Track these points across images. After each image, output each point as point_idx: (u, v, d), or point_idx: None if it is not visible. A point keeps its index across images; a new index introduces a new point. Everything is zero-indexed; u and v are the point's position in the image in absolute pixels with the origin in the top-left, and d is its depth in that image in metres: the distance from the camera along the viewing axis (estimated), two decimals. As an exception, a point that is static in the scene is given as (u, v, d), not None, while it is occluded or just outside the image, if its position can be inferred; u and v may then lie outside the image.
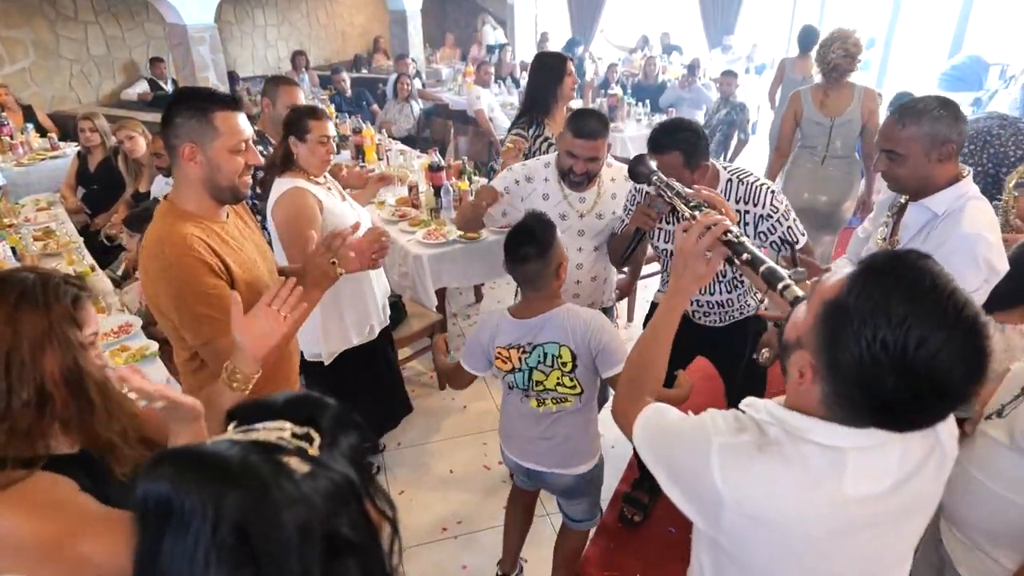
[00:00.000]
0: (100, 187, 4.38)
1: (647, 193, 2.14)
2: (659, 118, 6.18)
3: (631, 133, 5.97)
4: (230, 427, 0.67)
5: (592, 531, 2.38)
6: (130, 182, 4.22)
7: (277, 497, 0.57)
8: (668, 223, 2.18)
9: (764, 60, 9.14)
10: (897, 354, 0.80)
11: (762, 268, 1.14)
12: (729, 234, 1.18)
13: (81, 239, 3.64)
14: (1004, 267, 1.69)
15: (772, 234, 2.07)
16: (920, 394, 0.82)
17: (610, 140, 2.45)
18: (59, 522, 0.98)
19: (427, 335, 3.38)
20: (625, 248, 2.18)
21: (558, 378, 1.86)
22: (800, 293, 1.06)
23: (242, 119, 1.59)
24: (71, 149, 5.18)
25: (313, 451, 0.63)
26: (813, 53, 4.38)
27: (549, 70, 3.00)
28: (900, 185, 1.81)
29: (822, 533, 0.94)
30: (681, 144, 1.93)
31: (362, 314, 2.57)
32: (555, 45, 9.22)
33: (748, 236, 2.07)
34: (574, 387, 1.88)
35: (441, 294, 3.48)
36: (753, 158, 6.81)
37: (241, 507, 0.56)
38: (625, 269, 3.17)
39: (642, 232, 2.09)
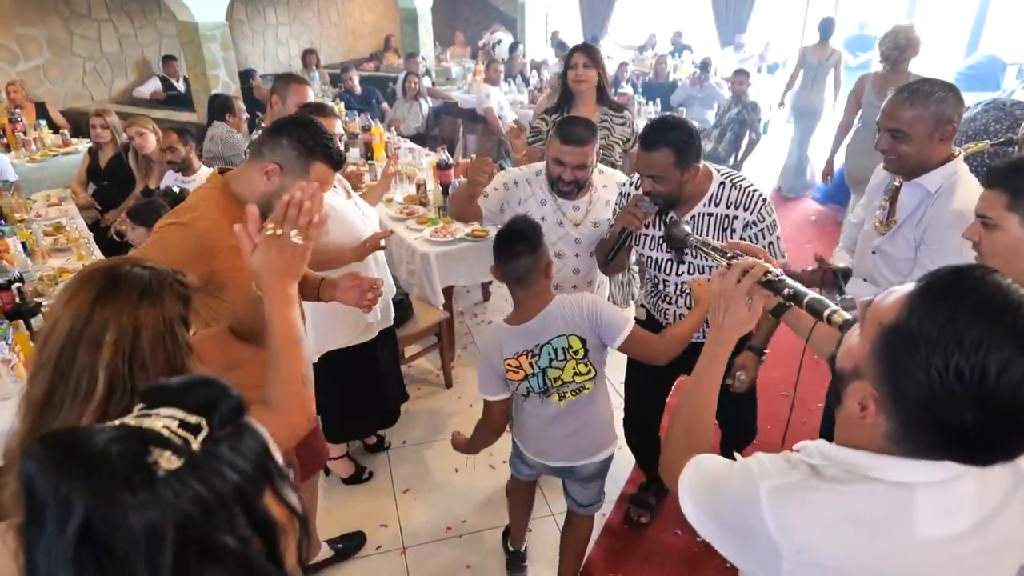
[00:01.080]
0: (111, 183, 4.41)
1: (633, 194, 2.11)
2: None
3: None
4: (135, 409, 0.62)
5: (598, 529, 2.38)
6: (140, 178, 4.25)
7: (125, 496, 0.52)
8: (655, 228, 2.14)
9: (777, 59, 9.07)
10: (975, 383, 0.71)
11: (806, 300, 1.10)
12: (768, 275, 1.14)
13: (91, 234, 3.66)
14: None
15: (754, 243, 2.00)
16: (1005, 425, 0.73)
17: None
18: None
19: (434, 333, 3.37)
20: (611, 248, 2.14)
21: (574, 367, 1.88)
22: (848, 317, 1.02)
23: (332, 178, 1.71)
24: (83, 146, 5.21)
25: (196, 444, 0.57)
26: (831, 41, 5.73)
27: (565, 61, 3.05)
28: (900, 163, 1.83)
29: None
30: (672, 142, 1.90)
31: (359, 313, 2.53)
32: (569, 44, 9.20)
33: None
34: (589, 372, 1.90)
35: (448, 292, 3.47)
36: (765, 158, 6.76)
37: (87, 502, 0.52)
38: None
39: (628, 233, 2.06)
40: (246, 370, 1.31)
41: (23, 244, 3.22)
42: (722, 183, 2.03)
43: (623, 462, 2.90)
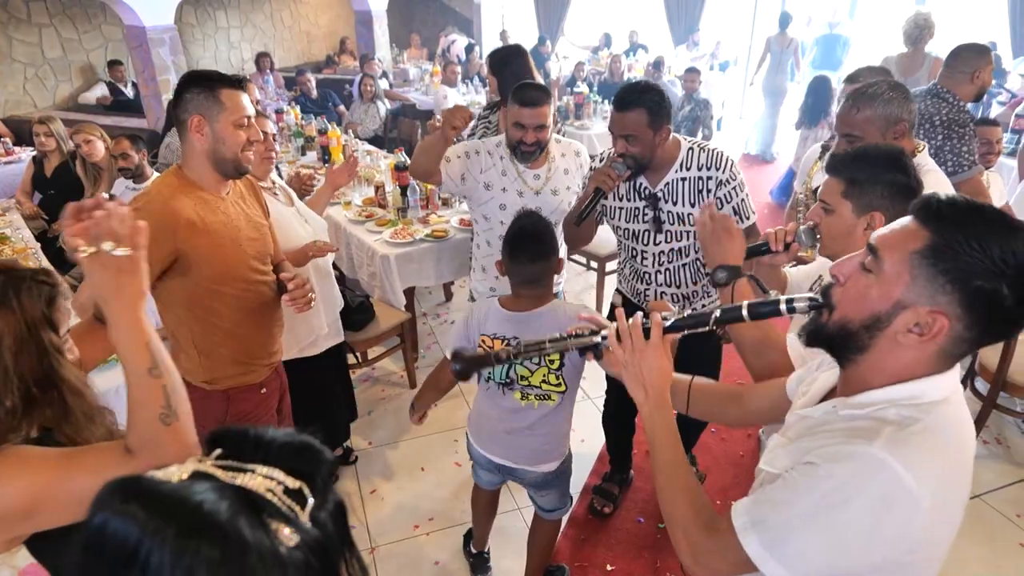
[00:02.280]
0: (57, 192, 4.29)
1: (608, 156, 2.16)
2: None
3: (598, 130, 6.02)
4: (212, 455, 0.59)
5: (564, 521, 2.41)
6: (89, 186, 4.14)
7: (255, 569, 0.51)
8: (630, 200, 2.19)
9: (728, 58, 9.29)
10: (1010, 259, 0.82)
11: (745, 310, 1.06)
12: (668, 320, 1.10)
13: (38, 245, 3.57)
14: None
15: (728, 202, 2.12)
16: None
17: (579, 137, 2.48)
18: (40, 472, 0.96)
19: (396, 334, 3.38)
20: (582, 208, 2.13)
21: (544, 375, 1.88)
22: (809, 295, 1.00)
23: (245, 98, 1.74)
24: (26, 154, 5.06)
25: (304, 516, 0.55)
26: (788, 31, 6.83)
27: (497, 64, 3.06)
28: None
29: (967, 491, 0.93)
30: (646, 103, 1.98)
31: (307, 326, 2.48)
32: (525, 43, 9.25)
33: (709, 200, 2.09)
34: (559, 385, 1.89)
35: (410, 294, 3.48)
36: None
37: (214, 572, 0.50)
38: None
39: (602, 193, 2.08)
40: None
41: (-34, 256, 3.13)
42: (690, 148, 2.12)
43: (588, 454, 2.97)
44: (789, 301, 1.01)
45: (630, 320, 1.12)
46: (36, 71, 7.66)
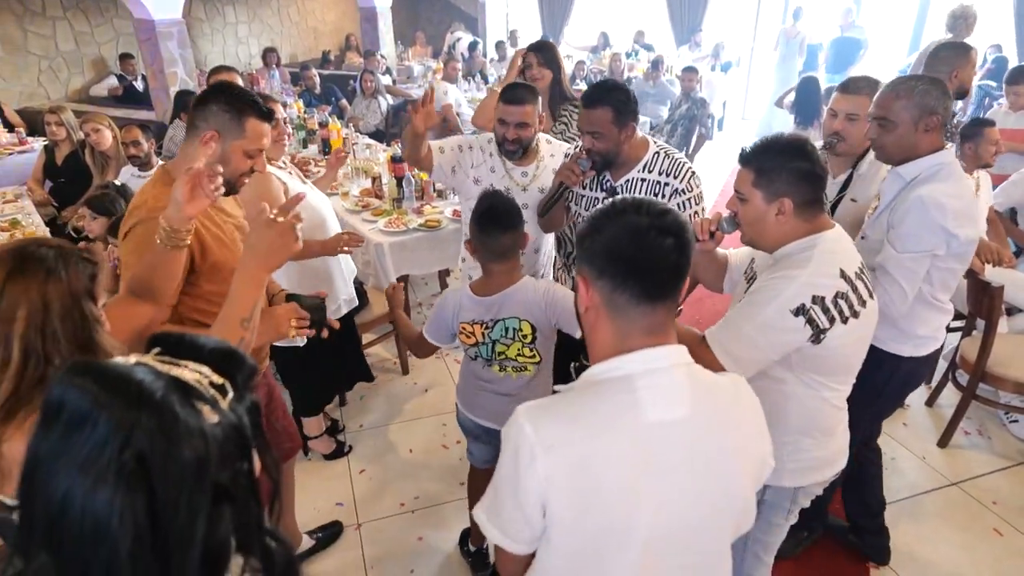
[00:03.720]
0: (67, 180, 4.41)
1: (576, 152, 2.23)
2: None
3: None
4: (152, 351, 0.70)
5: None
6: (97, 174, 4.26)
7: (183, 436, 0.61)
8: (592, 190, 2.27)
9: (730, 58, 9.34)
10: (610, 225, 1.06)
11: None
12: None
13: (48, 230, 3.69)
14: (967, 233, 1.81)
15: (681, 211, 2.18)
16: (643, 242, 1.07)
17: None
18: None
19: (389, 321, 3.47)
20: (547, 200, 2.25)
21: (519, 349, 1.97)
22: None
23: (267, 128, 1.74)
24: (39, 144, 5.19)
25: (224, 404, 0.66)
26: (798, 24, 7.63)
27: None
28: (885, 152, 1.93)
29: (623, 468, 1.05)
30: (612, 101, 2.06)
31: (334, 290, 2.70)
32: (526, 42, 9.34)
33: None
34: (533, 356, 1.99)
35: (404, 282, 3.58)
36: (717, 155, 6.99)
37: (150, 437, 0.59)
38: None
39: (565, 188, 2.17)
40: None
41: (-23, 239, 3.25)
42: (656, 152, 2.20)
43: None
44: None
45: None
46: (50, 63, 7.82)
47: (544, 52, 3.12)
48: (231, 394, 0.68)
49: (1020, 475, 2.87)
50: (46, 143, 4.56)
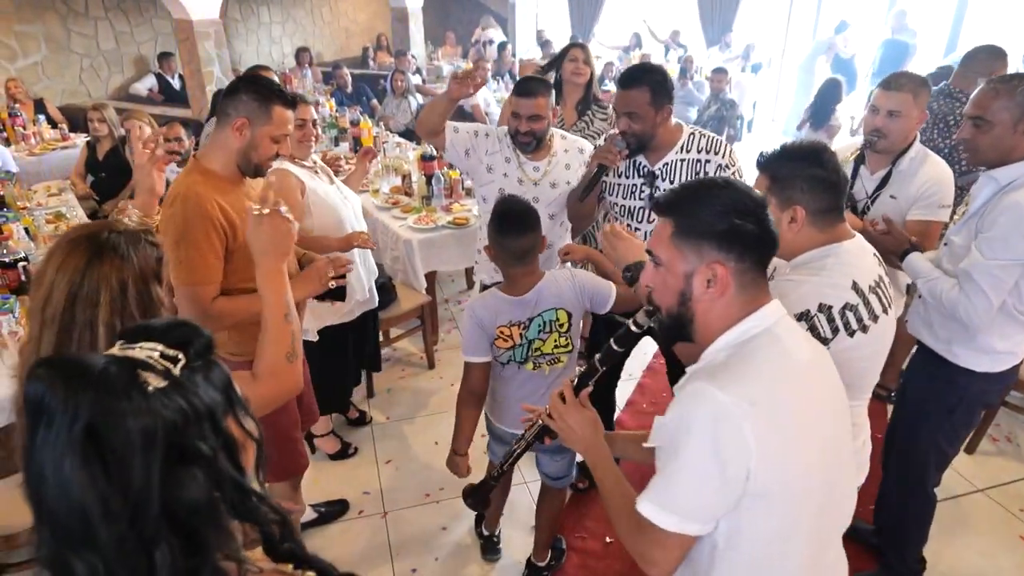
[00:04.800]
0: (108, 175, 4.56)
1: (609, 137, 2.27)
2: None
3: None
4: (116, 344, 0.75)
5: (568, 494, 2.54)
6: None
7: (124, 404, 0.65)
8: (628, 177, 2.30)
9: (760, 59, 9.27)
10: (728, 201, 1.10)
11: (615, 345, 1.29)
12: (576, 380, 1.34)
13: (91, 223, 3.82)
14: None
15: None
16: (756, 216, 1.11)
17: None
18: None
19: (416, 316, 3.54)
20: (585, 183, 2.26)
21: (555, 340, 2.00)
22: (643, 321, 1.24)
23: (291, 115, 1.88)
24: (81, 140, 5.37)
25: (175, 371, 0.70)
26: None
27: (556, 57, 3.27)
28: (979, 154, 1.85)
29: (803, 414, 1.09)
30: (649, 82, 2.09)
31: (349, 294, 2.72)
32: (556, 44, 9.37)
33: None
34: (567, 345, 2.02)
35: (431, 278, 3.65)
36: (746, 157, 6.95)
37: (92, 409, 0.63)
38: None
39: (605, 169, 2.20)
40: None
41: (26, 230, 3.39)
42: (692, 133, 2.24)
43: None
44: (633, 322, 1.24)
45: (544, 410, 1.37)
46: (91, 62, 8.06)
47: (587, 50, 3.20)
48: (182, 361, 0.72)
49: (1049, 483, 2.84)
50: (88, 139, 4.72)
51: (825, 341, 1.41)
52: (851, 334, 1.43)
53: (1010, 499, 2.75)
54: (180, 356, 0.72)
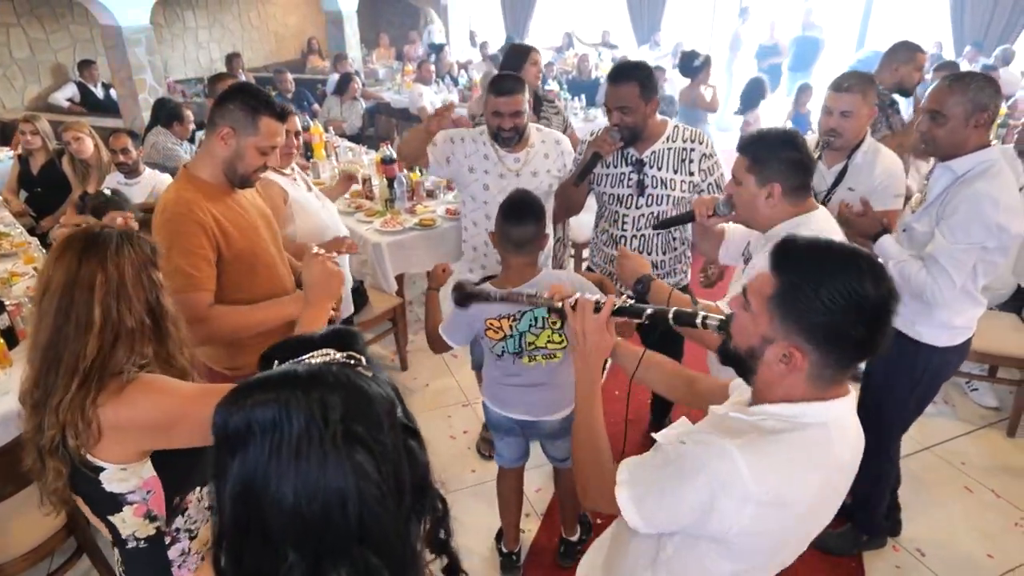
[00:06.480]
0: (44, 189, 4.34)
1: (599, 131, 2.42)
2: (595, 111, 6.51)
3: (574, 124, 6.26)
4: (274, 365, 0.76)
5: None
6: (77, 183, 4.20)
7: (366, 390, 0.70)
8: (617, 166, 2.45)
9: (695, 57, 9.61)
10: (853, 300, 0.96)
11: (671, 315, 1.21)
12: (619, 304, 1.26)
13: (36, 241, 3.64)
14: (1017, 227, 1.88)
15: (711, 175, 2.40)
16: (875, 326, 1.00)
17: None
18: (179, 396, 1.26)
19: (388, 318, 3.55)
20: (582, 168, 2.44)
21: (548, 336, 2.07)
22: (722, 315, 1.16)
23: (280, 128, 1.86)
24: (3, 154, 5.08)
25: (364, 365, 0.75)
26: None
27: (514, 58, 3.36)
28: (935, 145, 2.00)
29: (815, 502, 1.07)
30: (638, 77, 2.26)
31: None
32: (492, 45, 9.47)
33: (694, 173, 2.39)
34: (561, 342, 2.09)
35: (400, 280, 3.66)
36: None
37: (343, 402, 0.67)
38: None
39: (599, 157, 2.37)
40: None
41: (-33, 251, 3.20)
42: (676, 126, 2.44)
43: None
44: (705, 318, 1.17)
45: (583, 294, 1.31)
46: (4, 71, 7.59)
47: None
48: (363, 358, 0.76)
49: (983, 438, 3.13)
50: (19, 153, 4.48)
51: None
52: None
53: (952, 455, 3.02)
54: (357, 355, 0.77)
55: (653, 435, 1.18)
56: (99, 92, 7.80)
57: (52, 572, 2.21)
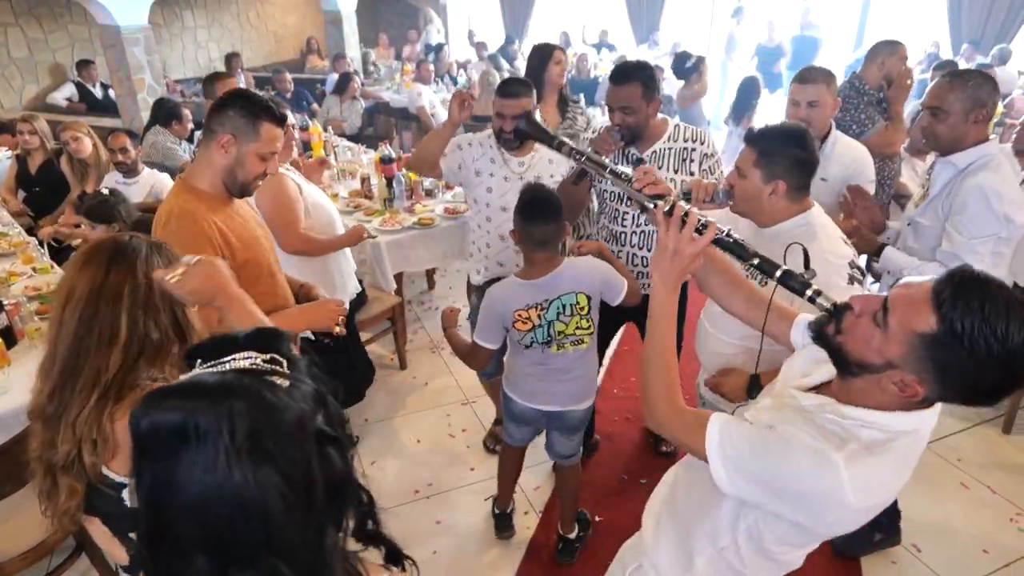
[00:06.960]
0: (42, 189, 4.35)
1: (601, 130, 2.42)
2: (593, 111, 6.52)
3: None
4: (197, 364, 0.76)
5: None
6: (75, 183, 4.22)
7: (275, 403, 0.69)
8: (618, 163, 2.44)
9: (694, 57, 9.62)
10: (1007, 358, 0.92)
11: (778, 273, 1.15)
12: (721, 235, 1.19)
13: (34, 240, 3.65)
14: (1021, 219, 1.93)
15: (712, 174, 2.42)
16: (1018, 379, 0.96)
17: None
18: None
19: (387, 318, 3.56)
20: (579, 169, 2.42)
21: (577, 323, 2.11)
22: (835, 300, 1.08)
23: (280, 133, 1.83)
24: (1, 153, 5.08)
25: (283, 371, 0.74)
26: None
27: (538, 58, 3.33)
28: (936, 141, 2.06)
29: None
30: (641, 77, 2.27)
31: (340, 291, 2.81)
32: (490, 44, 9.47)
33: (694, 172, 2.38)
34: (588, 327, 2.14)
35: (399, 279, 3.67)
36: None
37: (250, 416, 0.67)
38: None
39: (600, 155, 2.36)
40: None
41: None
42: (677, 125, 2.45)
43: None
44: (817, 293, 1.11)
45: (692, 208, 1.21)
46: (2, 71, 7.59)
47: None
48: (285, 363, 0.76)
49: (977, 435, 3.15)
50: (18, 152, 4.48)
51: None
52: (861, 283, 1.61)
53: (948, 451, 3.03)
54: (279, 359, 0.76)
55: (745, 415, 1.18)
56: (98, 92, 7.81)
57: (51, 571, 2.22)
